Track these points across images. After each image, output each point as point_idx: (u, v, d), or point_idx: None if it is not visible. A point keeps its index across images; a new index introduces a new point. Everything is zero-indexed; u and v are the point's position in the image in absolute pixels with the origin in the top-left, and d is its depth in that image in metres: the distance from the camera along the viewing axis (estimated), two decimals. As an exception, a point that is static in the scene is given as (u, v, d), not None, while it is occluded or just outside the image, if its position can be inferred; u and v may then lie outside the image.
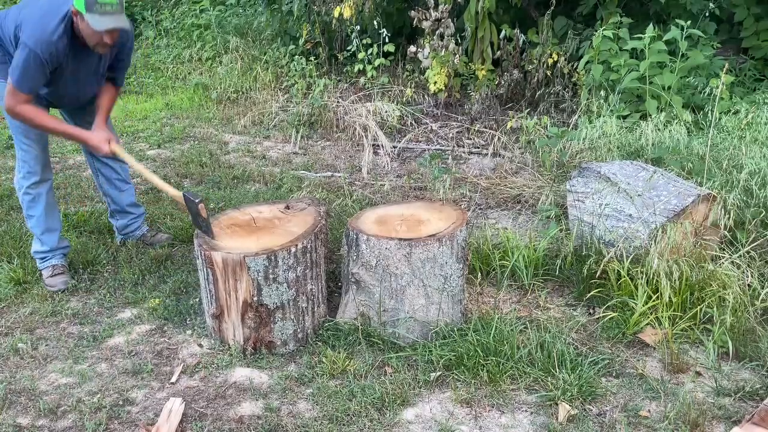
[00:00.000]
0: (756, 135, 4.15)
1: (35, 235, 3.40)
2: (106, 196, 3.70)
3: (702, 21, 5.57)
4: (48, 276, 3.35)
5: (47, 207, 3.37)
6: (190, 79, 7.40)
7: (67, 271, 3.40)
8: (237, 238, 2.80)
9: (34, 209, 3.35)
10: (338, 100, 6.04)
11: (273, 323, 2.74)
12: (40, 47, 2.84)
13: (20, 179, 3.33)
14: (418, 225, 2.86)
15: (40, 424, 2.42)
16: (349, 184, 4.62)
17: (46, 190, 3.36)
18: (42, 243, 3.38)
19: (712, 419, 2.37)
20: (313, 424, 2.37)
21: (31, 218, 3.38)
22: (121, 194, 3.67)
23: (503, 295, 3.22)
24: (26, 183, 3.31)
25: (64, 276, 3.36)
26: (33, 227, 3.39)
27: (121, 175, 3.66)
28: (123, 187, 3.68)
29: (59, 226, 3.46)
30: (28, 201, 3.35)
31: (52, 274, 3.35)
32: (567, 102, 5.72)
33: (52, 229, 3.40)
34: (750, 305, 2.83)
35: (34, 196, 3.34)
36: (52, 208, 3.41)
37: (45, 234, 3.38)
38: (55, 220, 3.43)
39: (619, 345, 2.82)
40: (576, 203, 3.51)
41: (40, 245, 3.39)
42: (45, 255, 3.39)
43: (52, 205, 3.42)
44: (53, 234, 3.40)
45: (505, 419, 2.42)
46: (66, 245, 3.50)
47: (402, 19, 7.18)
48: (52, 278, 3.34)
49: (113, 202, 3.68)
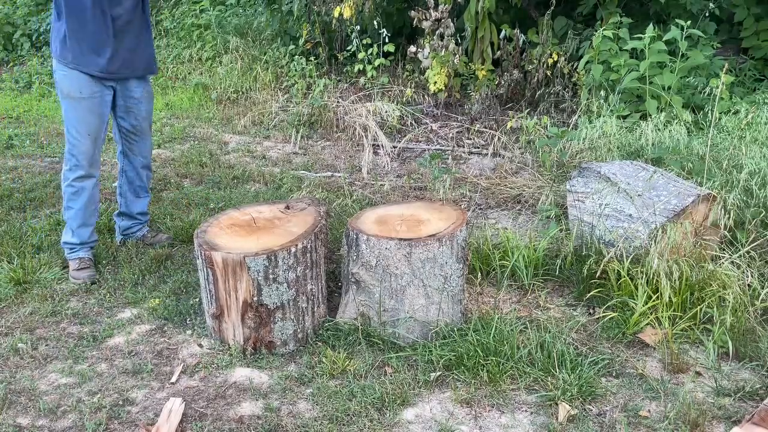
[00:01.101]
0: (756, 135, 4.15)
1: (69, 227, 3.44)
2: (121, 197, 3.72)
3: (702, 21, 5.58)
4: (74, 269, 3.39)
5: (88, 202, 3.41)
6: (190, 79, 7.40)
7: (93, 265, 3.45)
8: (237, 238, 2.80)
9: (75, 202, 3.39)
10: (338, 100, 6.04)
11: (273, 323, 2.74)
12: None
13: (66, 171, 3.38)
14: (418, 225, 2.86)
15: (40, 424, 2.42)
16: (349, 184, 4.62)
17: (91, 185, 3.41)
18: (74, 235, 3.43)
19: (712, 419, 2.37)
20: (313, 424, 2.38)
21: (69, 210, 3.41)
22: (137, 200, 3.71)
23: (503, 295, 3.22)
24: (72, 175, 3.36)
25: (90, 270, 3.41)
26: (69, 219, 3.42)
27: (144, 183, 3.70)
28: (141, 194, 3.72)
29: (95, 221, 3.52)
30: (70, 193, 3.39)
31: (79, 268, 3.39)
32: (567, 102, 5.72)
33: (88, 224, 3.45)
34: (750, 305, 2.83)
35: (77, 189, 3.38)
36: (92, 203, 3.45)
37: (80, 228, 3.43)
38: (93, 216, 3.48)
39: (619, 345, 2.82)
40: (576, 203, 3.51)
41: (71, 236, 3.44)
42: (74, 247, 3.44)
43: (94, 201, 3.46)
44: (88, 228, 3.46)
45: (505, 419, 2.42)
46: (95, 239, 3.56)
47: (402, 19, 7.18)
48: (78, 271, 3.38)
49: (126, 205, 3.71)
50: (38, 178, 4.84)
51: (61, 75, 3.26)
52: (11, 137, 5.75)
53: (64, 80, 3.26)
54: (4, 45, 8.59)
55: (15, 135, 5.83)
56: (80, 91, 3.25)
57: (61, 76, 3.27)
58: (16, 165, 5.15)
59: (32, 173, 4.91)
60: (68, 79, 3.25)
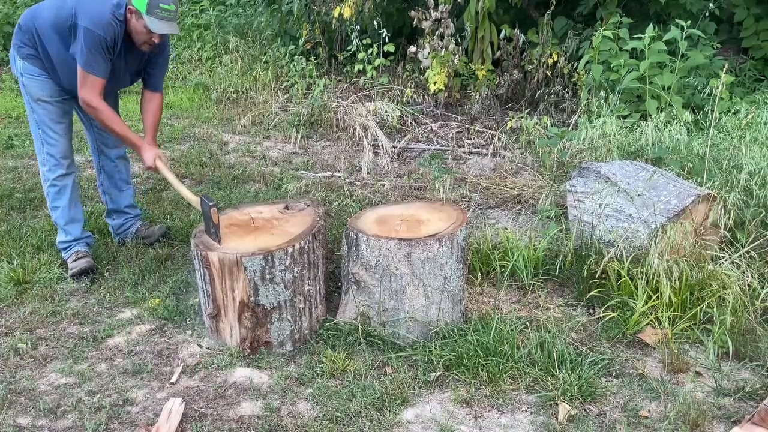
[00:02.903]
0: (756, 135, 4.14)
1: (59, 226, 3.49)
2: (105, 195, 3.74)
3: (702, 21, 5.57)
4: (72, 261, 3.43)
5: (72, 198, 3.46)
6: (190, 79, 7.40)
7: (90, 256, 3.48)
8: (235, 238, 2.80)
9: (60, 200, 3.44)
10: (338, 100, 6.04)
11: (270, 324, 2.74)
12: (101, 28, 3.00)
13: (46, 172, 3.42)
14: (418, 225, 2.86)
15: (40, 424, 2.42)
16: (349, 184, 4.62)
17: (72, 182, 3.46)
18: (66, 233, 3.47)
19: (712, 419, 2.37)
20: (313, 424, 2.37)
21: (56, 209, 3.46)
22: (121, 194, 3.72)
23: (503, 295, 3.22)
24: (52, 175, 3.41)
25: (87, 258, 3.44)
26: (57, 218, 3.47)
27: (123, 175, 3.72)
28: (123, 187, 3.73)
29: (82, 217, 3.56)
30: (54, 193, 3.44)
31: (76, 258, 3.43)
32: (567, 102, 5.72)
33: (75, 219, 3.49)
34: (750, 305, 2.83)
35: (60, 188, 3.43)
36: (75, 199, 3.51)
37: (69, 224, 3.47)
38: (79, 212, 3.53)
39: (619, 345, 2.82)
40: (576, 203, 3.51)
41: (64, 235, 3.47)
42: (69, 244, 3.48)
43: (76, 197, 3.53)
44: (77, 224, 3.50)
45: (505, 419, 2.42)
46: (89, 236, 3.59)
47: (402, 19, 7.18)
48: (75, 261, 3.42)
49: (112, 201, 3.72)
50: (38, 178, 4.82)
51: (30, 78, 3.26)
52: (11, 137, 5.75)
53: (33, 84, 3.27)
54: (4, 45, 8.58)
55: (15, 135, 5.83)
56: (50, 96, 3.29)
57: (29, 80, 3.27)
58: (16, 165, 5.15)
59: (32, 173, 4.91)
60: (37, 83, 3.26)
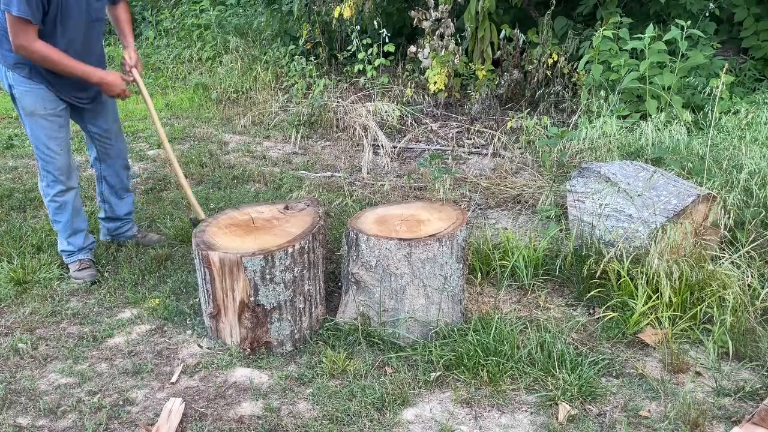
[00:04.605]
0: (756, 135, 4.15)
1: (62, 237, 3.41)
2: (104, 203, 3.66)
3: (702, 21, 5.58)
4: (75, 270, 3.39)
5: (73, 212, 3.37)
6: (190, 79, 7.40)
7: (93, 265, 3.44)
8: (235, 238, 2.80)
9: (61, 215, 3.36)
10: (338, 100, 6.04)
11: (270, 324, 2.74)
12: None
13: (45, 187, 3.32)
14: (418, 225, 2.86)
15: (40, 424, 2.42)
16: (349, 184, 4.62)
17: (73, 197, 3.35)
18: (68, 244, 3.41)
19: (712, 419, 2.37)
20: (313, 424, 2.37)
21: (57, 223, 3.39)
22: (121, 202, 3.65)
23: (503, 295, 3.22)
24: (52, 192, 3.30)
25: (91, 270, 3.40)
26: (60, 230, 3.40)
27: (125, 184, 3.64)
28: (124, 195, 3.66)
29: (85, 225, 3.48)
30: (54, 208, 3.34)
31: (80, 268, 3.39)
32: (567, 102, 5.72)
33: (78, 230, 3.42)
34: (750, 305, 2.83)
35: (60, 204, 3.33)
36: (78, 212, 3.40)
37: (71, 237, 3.40)
38: (81, 222, 3.44)
39: (619, 345, 2.82)
40: (576, 203, 3.51)
41: (66, 245, 3.42)
42: (71, 252, 3.43)
43: (78, 210, 3.41)
44: (80, 234, 3.43)
45: (505, 419, 2.42)
46: (92, 241, 3.52)
47: (402, 19, 7.18)
48: (79, 272, 3.37)
49: (111, 209, 3.66)
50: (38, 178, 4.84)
51: (21, 91, 3.09)
52: (11, 137, 5.75)
53: (26, 97, 3.10)
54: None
55: (15, 135, 5.83)
56: (44, 107, 3.12)
57: (21, 93, 3.09)
58: (16, 165, 5.15)
59: (32, 173, 4.91)
60: (30, 96, 3.09)
